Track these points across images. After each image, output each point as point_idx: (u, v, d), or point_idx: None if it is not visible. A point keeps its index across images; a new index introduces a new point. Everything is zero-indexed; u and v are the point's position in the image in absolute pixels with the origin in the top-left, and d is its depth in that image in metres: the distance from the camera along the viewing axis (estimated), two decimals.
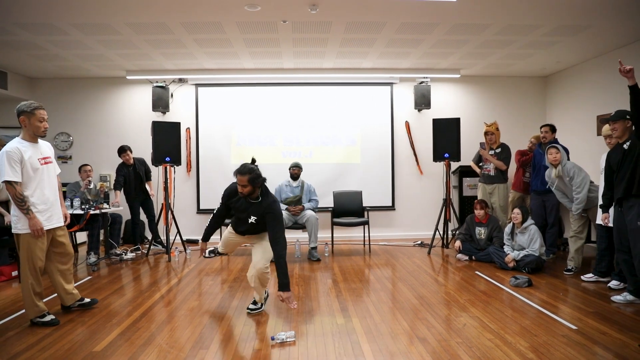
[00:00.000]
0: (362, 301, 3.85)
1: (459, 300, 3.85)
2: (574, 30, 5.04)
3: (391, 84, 7.26)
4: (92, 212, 5.23)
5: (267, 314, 3.55)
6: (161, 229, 6.28)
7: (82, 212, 5.18)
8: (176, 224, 6.01)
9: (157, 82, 6.84)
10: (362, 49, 5.84)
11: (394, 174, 7.30)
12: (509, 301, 3.81)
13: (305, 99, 7.22)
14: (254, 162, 3.32)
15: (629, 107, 3.66)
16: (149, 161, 6.25)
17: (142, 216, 6.45)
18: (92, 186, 5.85)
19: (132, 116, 7.13)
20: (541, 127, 5.48)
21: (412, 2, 4.27)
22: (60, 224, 3.49)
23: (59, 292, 3.55)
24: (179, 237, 6.00)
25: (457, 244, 5.51)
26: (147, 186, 6.36)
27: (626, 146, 3.59)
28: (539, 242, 4.73)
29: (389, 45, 5.64)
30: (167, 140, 5.80)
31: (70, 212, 4.68)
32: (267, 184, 3.44)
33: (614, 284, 4.09)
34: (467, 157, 6.43)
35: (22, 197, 3.15)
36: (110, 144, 6.89)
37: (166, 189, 5.86)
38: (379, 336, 3.03)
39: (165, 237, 5.91)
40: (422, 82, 7.10)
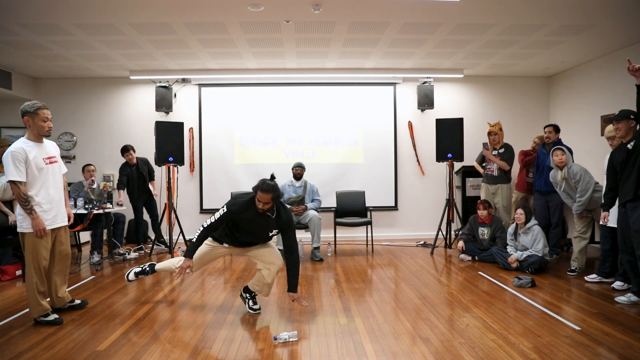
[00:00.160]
0: (364, 301, 3.85)
1: (461, 300, 3.84)
2: (578, 30, 5.02)
3: (394, 84, 7.25)
4: (95, 211, 5.25)
5: (269, 313, 3.56)
6: (164, 228, 6.31)
7: (85, 211, 5.20)
8: (179, 223, 6.03)
9: (160, 82, 6.86)
10: (365, 49, 5.84)
11: (396, 174, 7.29)
12: (512, 302, 3.80)
13: (308, 99, 7.22)
14: (273, 178, 3.19)
15: (632, 107, 3.65)
16: (152, 161, 6.27)
17: (145, 216, 6.47)
18: (95, 186, 5.87)
19: (135, 116, 7.15)
20: (545, 128, 5.46)
21: (416, 2, 4.26)
22: (64, 224, 3.51)
23: (51, 294, 3.49)
24: (181, 237, 6.01)
25: (460, 244, 5.50)
26: (150, 186, 6.37)
27: (630, 146, 3.58)
28: (542, 243, 4.71)
29: (392, 45, 5.64)
30: (170, 140, 5.81)
31: (73, 211, 4.68)
32: None
33: (617, 284, 4.07)
34: (470, 157, 6.42)
35: (26, 197, 3.17)
36: (113, 144, 6.90)
37: (169, 188, 5.87)
38: (382, 336, 3.03)
39: (168, 237, 5.92)
40: (425, 82, 7.09)
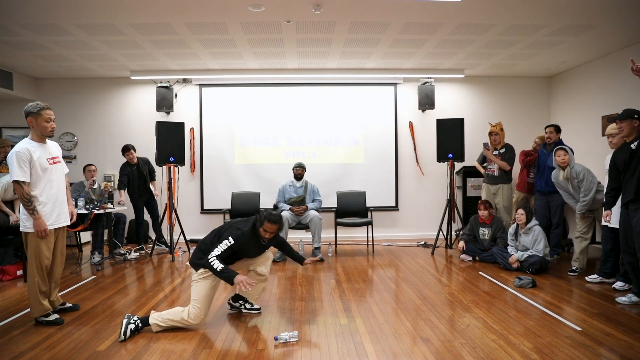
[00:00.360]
0: (365, 301, 3.85)
1: (462, 300, 3.84)
2: (579, 30, 5.01)
3: (395, 84, 7.25)
4: (96, 212, 5.25)
5: (270, 314, 3.56)
6: (165, 228, 6.31)
7: (86, 211, 5.20)
8: (180, 224, 6.02)
9: (161, 82, 6.87)
10: (366, 49, 5.84)
11: (397, 174, 7.29)
12: (513, 302, 3.79)
13: (308, 99, 7.23)
14: (276, 208, 3.57)
15: (634, 106, 3.64)
16: (153, 161, 6.28)
17: (146, 216, 6.48)
18: (96, 186, 5.87)
19: (136, 116, 7.16)
20: (546, 128, 5.46)
21: (416, 2, 4.26)
22: (67, 223, 3.54)
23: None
24: (182, 237, 6.01)
25: (461, 244, 5.50)
26: (151, 186, 6.38)
27: (634, 146, 3.56)
28: (543, 243, 4.71)
29: (393, 45, 5.64)
30: (171, 140, 5.81)
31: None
32: (270, 184, 3.49)
33: (618, 285, 4.06)
34: (471, 158, 6.41)
35: (29, 197, 3.20)
36: (114, 144, 6.91)
37: (170, 189, 5.87)
38: (382, 336, 3.03)
39: (169, 237, 5.93)
40: (426, 83, 7.08)
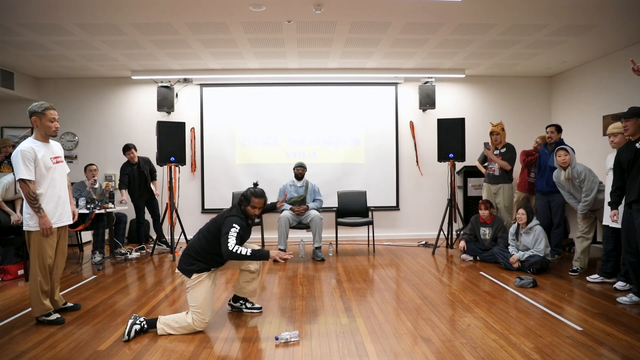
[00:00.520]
0: (366, 301, 3.85)
1: (463, 300, 3.84)
2: (579, 30, 5.01)
3: (396, 84, 7.25)
4: (97, 211, 5.26)
5: (271, 313, 3.56)
6: (166, 228, 6.31)
7: (87, 211, 5.21)
8: (181, 223, 6.03)
9: (162, 82, 6.87)
10: (366, 49, 5.84)
11: (398, 174, 7.29)
12: (514, 302, 3.79)
13: (309, 99, 7.23)
14: (256, 185, 3.41)
15: (637, 105, 3.63)
16: (154, 161, 6.28)
17: (147, 216, 6.48)
18: (97, 185, 5.87)
19: (137, 116, 7.16)
20: (547, 127, 5.45)
21: (417, 2, 4.26)
22: (69, 222, 3.57)
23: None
24: (183, 236, 6.02)
25: (462, 244, 5.50)
26: (152, 186, 6.38)
27: (639, 145, 3.55)
28: (543, 243, 4.70)
29: (393, 45, 5.63)
30: (171, 140, 5.82)
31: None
32: (271, 184, 3.46)
33: (619, 285, 4.06)
34: (471, 157, 6.41)
35: (34, 195, 3.22)
36: (115, 143, 6.91)
37: (171, 188, 5.88)
38: (383, 336, 3.03)
39: (169, 237, 5.93)
40: (426, 82, 7.08)
